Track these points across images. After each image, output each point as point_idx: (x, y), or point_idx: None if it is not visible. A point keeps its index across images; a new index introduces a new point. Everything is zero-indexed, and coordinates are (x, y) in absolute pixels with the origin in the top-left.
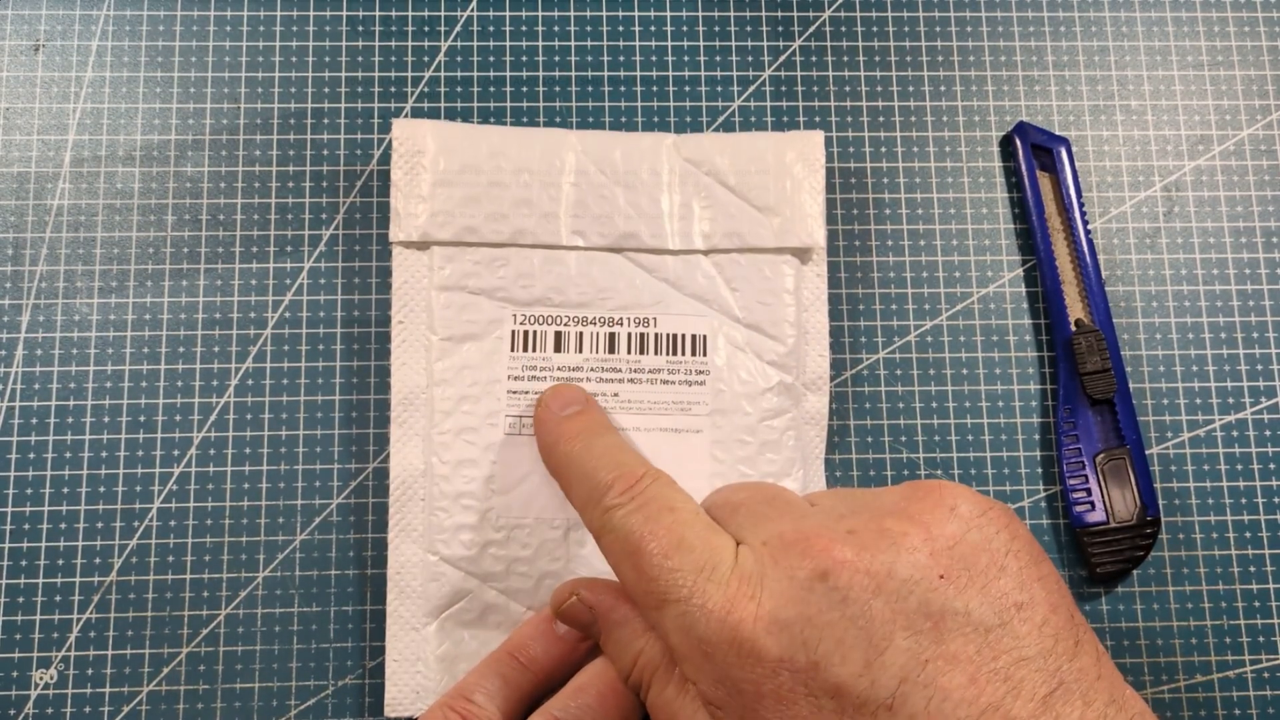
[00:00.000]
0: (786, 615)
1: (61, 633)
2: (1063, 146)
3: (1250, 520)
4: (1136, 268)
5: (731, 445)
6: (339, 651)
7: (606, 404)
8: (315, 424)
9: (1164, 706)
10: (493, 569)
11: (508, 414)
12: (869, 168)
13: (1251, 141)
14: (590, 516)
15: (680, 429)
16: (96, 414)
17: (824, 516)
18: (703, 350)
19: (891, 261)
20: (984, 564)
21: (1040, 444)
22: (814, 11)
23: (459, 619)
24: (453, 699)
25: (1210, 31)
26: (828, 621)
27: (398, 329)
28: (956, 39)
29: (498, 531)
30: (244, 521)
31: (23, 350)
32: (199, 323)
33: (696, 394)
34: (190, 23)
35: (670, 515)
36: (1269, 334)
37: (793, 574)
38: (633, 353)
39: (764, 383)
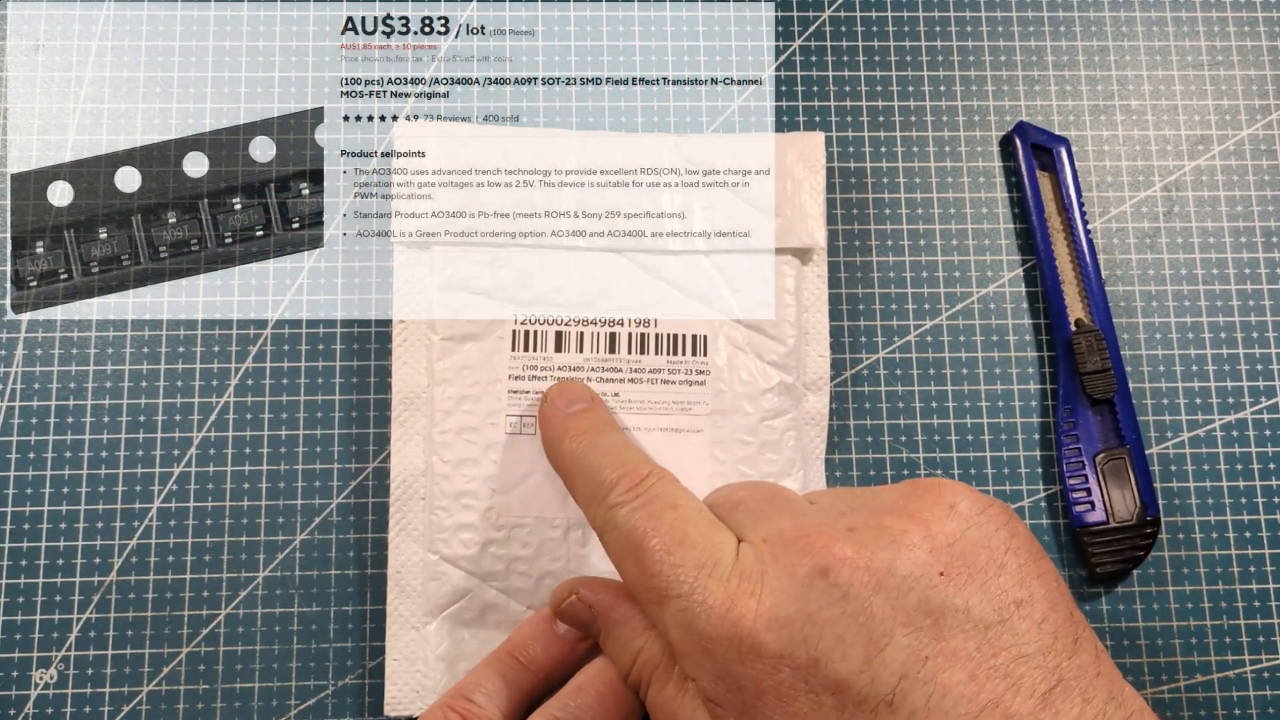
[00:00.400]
0: (787, 612)
1: (61, 633)
2: (1063, 146)
3: (1250, 520)
4: (1136, 268)
5: (732, 445)
6: (339, 651)
7: (608, 404)
8: (315, 424)
9: (1164, 706)
10: (493, 568)
11: (508, 413)
12: (869, 168)
13: (1251, 141)
14: (594, 514)
15: (680, 429)
16: (96, 414)
17: (824, 514)
18: (703, 350)
19: (891, 261)
20: (983, 561)
21: (1040, 444)
22: (814, 11)
23: (459, 618)
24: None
25: (1210, 31)
26: (828, 618)
27: (399, 328)
28: (956, 39)
29: (498, 531)
30: (244, 521)
31: (23, 350)
32: (199, 323)
33: (697, 394)
34: (190, 23)
35: (673, 512)
36: (1269, 334)
37: (793, 571)
38: (633, 353)
39: (764, 383)
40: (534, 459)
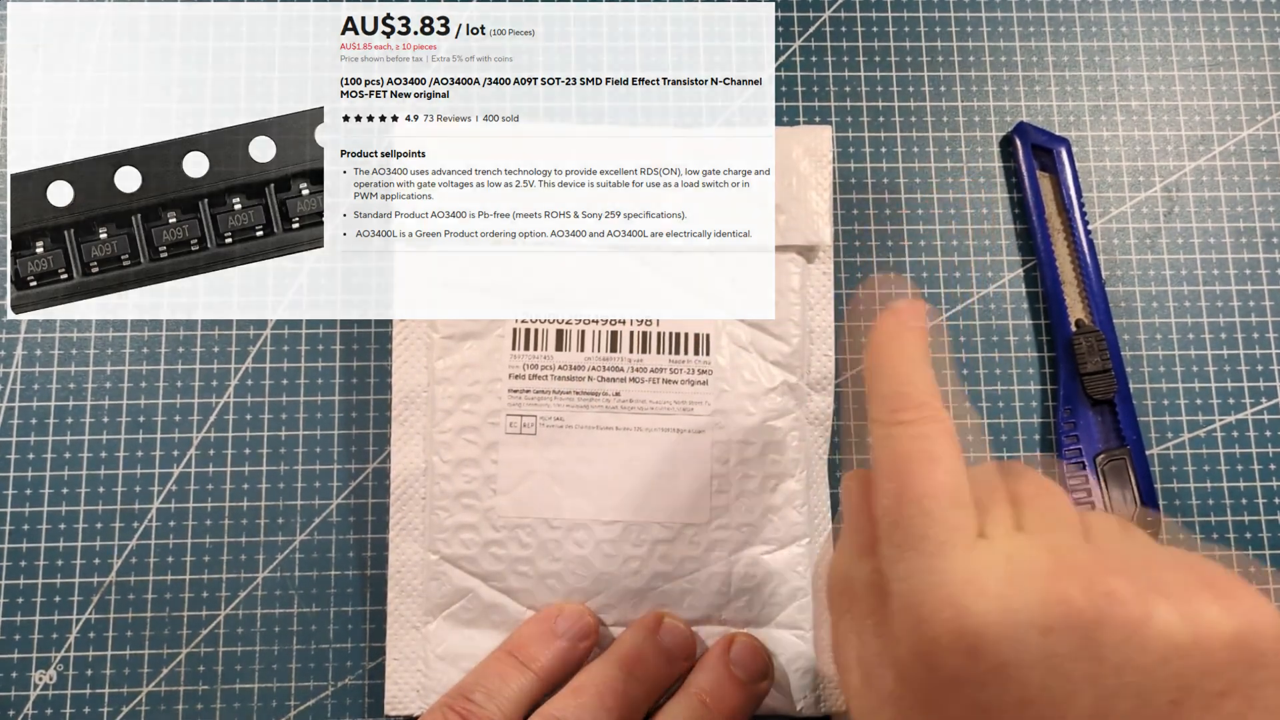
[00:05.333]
0: (1026, 638)
1: (61, 633)
2: (1063, 147)
3: (1250, 520)
4: (1136, 268)
5: (734, 445)
6: (339, 652)
7: (608, 403)
8: (315, 424)
9: None
10: (493, 568)
11: (509, 413)
12: (869, 168)
13: (1252, 142)
14: (870, 426)
15: (682, 429)
16: (96, 414)
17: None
18: (705, 349)
19: (891, 262)
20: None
21: (1040, 444)
22: (814, 11)
23: (459, 618)
24: (452, 699)
25: (1210, 32)
26: (1067, 672)
27: (399, 327)
28: (956, 39)
29: (498, 531)
30: (244, 522)
31: (22, 350)
32: (198, 323)
33: (699, 394)
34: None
35: (933, 467)
36: (1269, 334)
37: (1060, 598)
38: (635, 352)
39: (768, 382)
40: (535, 459)
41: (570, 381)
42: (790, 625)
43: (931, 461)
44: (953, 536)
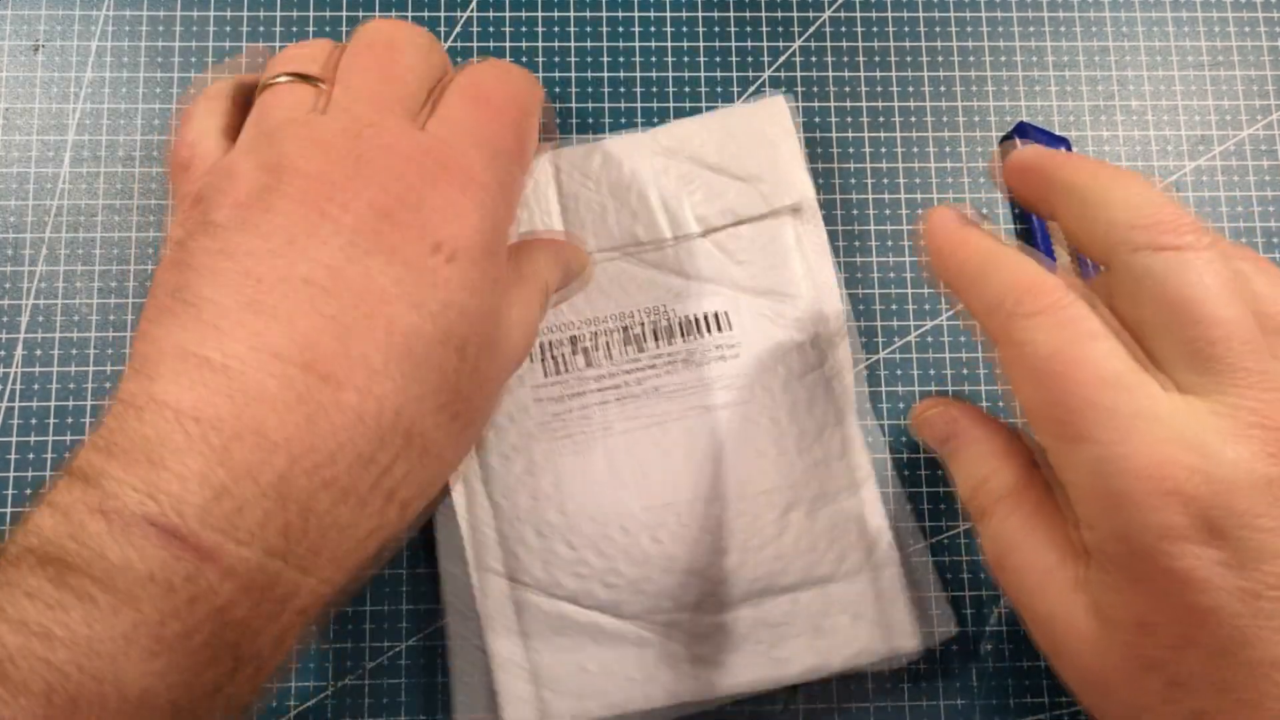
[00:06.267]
0: (1238, 504)
1: None
2: (1063, 146)
3: None
4: None
5: (767, 408)
6: (339, 652)
7: (645, 399)
8: None
9: None
10: (581, 587)
11: (552, 433)
12: (869, 168)
13: (1252, 142)
14: (993, 322)
15: (717, 405)
16: (96, 414)
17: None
18: (727, 325)
19: (892, 262)
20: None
21: None
22: (814, 11)
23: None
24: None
25: (1210, 32)
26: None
27: None
28: (956, 39)
29: (575, 550)
30: None
31: (22, 350)
32: None
33: (727, 368)
34: (190, 23)
35: (1093, 343)
36: None
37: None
38: (660, 343)
39: (789, 342)
40: (593, 468)
41: (604, 392)
42: (885, 564)
43: (1093, 339)
44: (1151, 404)
